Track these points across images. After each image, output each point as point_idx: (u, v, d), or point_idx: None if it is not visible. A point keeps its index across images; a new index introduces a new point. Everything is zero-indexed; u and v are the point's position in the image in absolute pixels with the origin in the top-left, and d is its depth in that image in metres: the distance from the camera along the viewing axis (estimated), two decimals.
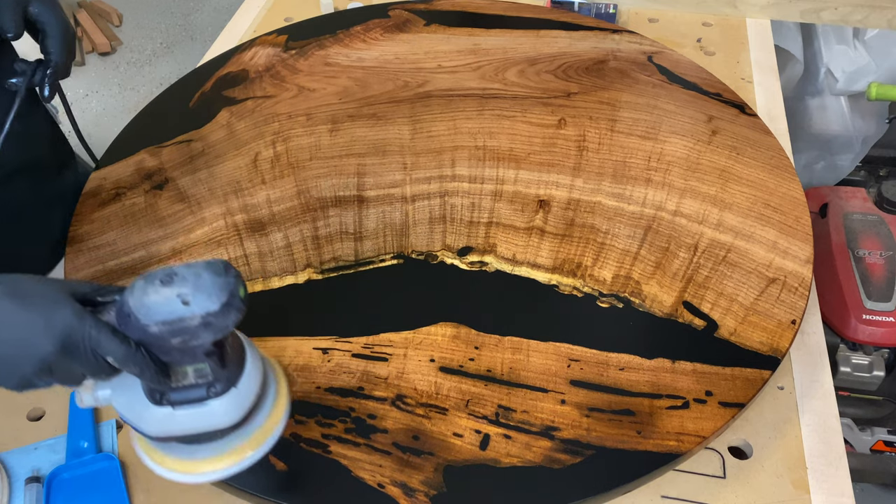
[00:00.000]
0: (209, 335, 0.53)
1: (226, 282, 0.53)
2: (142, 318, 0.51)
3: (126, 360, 0.53)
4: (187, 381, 0.57)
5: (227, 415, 0.58)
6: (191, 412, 0.57)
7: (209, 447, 0.61)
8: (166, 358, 0.55)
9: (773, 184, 0.92)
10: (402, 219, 0.89)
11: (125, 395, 0.58)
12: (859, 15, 1.29)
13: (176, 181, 0.95)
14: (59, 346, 0.52)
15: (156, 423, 0.58)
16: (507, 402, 0.71)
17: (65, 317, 0.52)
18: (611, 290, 0.81)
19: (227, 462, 0.61)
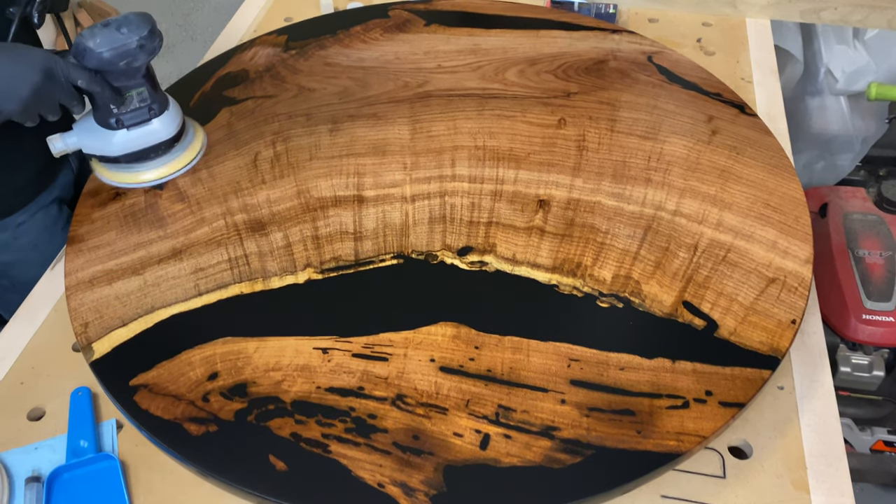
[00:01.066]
0: (144, 55, 0.80)
1: (147, 17, 0.80)
2: (96, 48, 0.77)
3: (91, 81, 0.79)
4: (133, 105, 0.84)
5: (166, 129, 0.88)
6: (140, 130, 0.86)
7: (151, 164, 0.90)
8: (116, 83, 0.81)
9: (773, 184, 0.92)
10: (402, 219, 0.89)
11: (88, 136, 0.85)
12: (859, 15, 1.29)
13: (176, 181, 0.95)
14: (43, 75, 0.76)
15: (117, 145, 0.86)
16: (507, 402, 0.71)
17: (45, 57, 0.77)
18: (611, 289, 0.81)
19: (164, 172, 0.91)
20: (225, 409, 0.71)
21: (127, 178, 0.90)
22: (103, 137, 0.85)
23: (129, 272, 0.84)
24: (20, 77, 0.75)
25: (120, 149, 0.86)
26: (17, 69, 0.75)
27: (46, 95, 0.76)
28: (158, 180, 0.91)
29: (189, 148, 0.93)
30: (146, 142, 0.87)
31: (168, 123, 0.88)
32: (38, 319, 0.86)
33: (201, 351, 0.76)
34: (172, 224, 0.89)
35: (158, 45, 0.81)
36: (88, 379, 0.77)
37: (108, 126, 0.84)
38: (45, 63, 0.76)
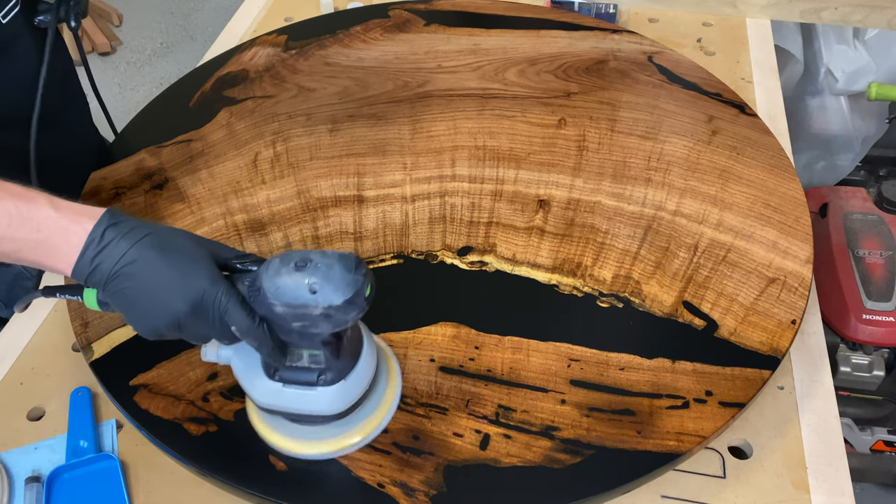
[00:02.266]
0: (328, 326, 0.57)
1: (354, 279, 0.56)
2: (270, 296, 0.56)
3: (248, 332, 0.58)
4: (301, 363, 0.61)
5: (332, 404, 0.63)
6: (298, 393, 0.62)
7: (313, 430, 0.65)
8: (285, 338, 0.59)
9: (773, 184, 0.92)
10: (401, 219, 0.89)
11: (244, 360, 0.63)
12: (859, 15, 1.29)
13: (176, 181, 0.95)
14: (191, 307, 0.57)
15: (265, 394, 0.63)
16: (507, 402, 0.71)
17: (201, 280, 0.57)
18: (611, 289, 0.81)
19: (330, 447, 0.66)
20: (225, 409, 0.71)
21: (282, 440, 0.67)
22: (255, 378, 0.63)
23: None
24: (164, 305, 0.57)
25: (266, 401, 0.63)
26: (165, 294, 0.57)
27: (189, 328, 0.59)
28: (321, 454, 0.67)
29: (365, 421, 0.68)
30: (300, 407, 0.63)
31: (337, 399, 0.63)
32: (38, 319, 0.86)
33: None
34: (172, 224, 0.89)
35: (354, 316, 0.57)
36: (88, 379, 0.77)
37: (265, 369, 0.63)
38: (201, 293, 0.57)
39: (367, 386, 0.65)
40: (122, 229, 0.58)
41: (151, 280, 0.57)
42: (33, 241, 0.57)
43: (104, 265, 0.57)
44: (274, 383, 0.62)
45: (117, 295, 0.58)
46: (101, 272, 0.57)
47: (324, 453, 0.66)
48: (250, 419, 0.69)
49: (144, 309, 0.58)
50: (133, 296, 0.57)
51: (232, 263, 0.61)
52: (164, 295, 0.57)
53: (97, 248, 0.57)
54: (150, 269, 0.57)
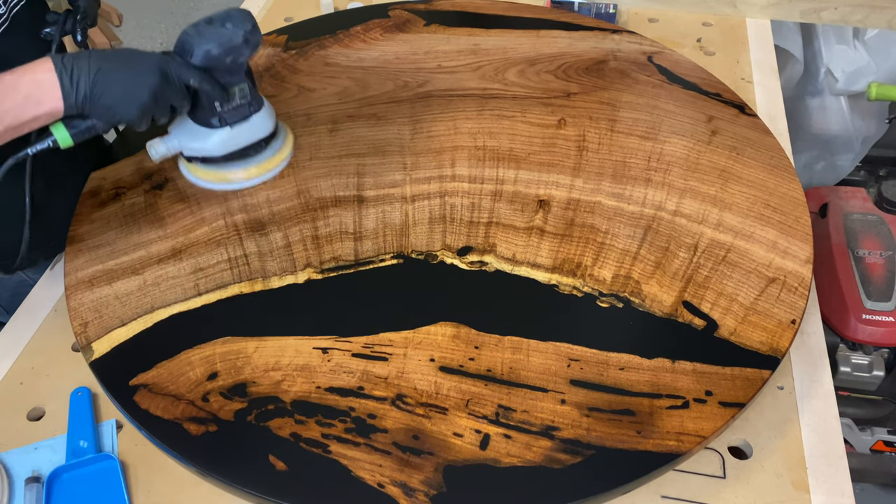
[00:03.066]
0: (249, 49, 0.79)
1: (246, 14, 0.79)
2: (204, 45, 0.77)
3: (201, 79, 0.77)
4: (235, 102, 0.82)
5: (265, 124, 0.87)
6: (242, 127, 0.84)
7: (248, 162, 0.89)
8: (222, 80, 0.80)
9: (773, 184, 0.92)
10: (401, 219, 0.89)
11: (188, 137, 0.84)
12: (859, 15, 1.29)
13: (176, 181, 0.95)
14: (160, 76, 0.74)
15: (219, 143, 0.84)
16: (507, 402, 0.71)
17: (156, 58, 0.75)
18: (611, 289, 0.81)
19: (258, 171, 0.90)
20: (225, 409, 0.71)
21: (221, 176, 0.89)
22: (205, 137, 0.83)
23: (128, 272, 0.84)
24: (139, 82, 0.73)
25: (222, 147, 0.84)
26: (135, 74, 0.73)
27: (162, 98, 0.75)
28: (254, 179, 0.90)
29: (280, 149, 0.92)
30: (247, 139, 0.86)
31: (266, 119, 0.87)
32: (38, 319, 0.86)
33: (201, 351, 0.76)
34: (172, 224, 0.89)
35: (260, 38, 0.80)
36: (88, 379, 0.77)
37: (209, 125, 0.83)
38: (160, 65, 0.74)
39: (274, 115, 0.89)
40: (71, 56, 0.71)
41: (123, 70, 0.72)
42: (20, 101, 0.69)
43: (81, 82, 0.70)
44: (221, 130, 0.83)
45: (104, 96, 0.71)
46: (83, 88, 0.70)
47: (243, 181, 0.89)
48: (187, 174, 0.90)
49: (128, 93, 0.72)
50: (116, 89, 0.72)
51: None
52: (138, 76, 0.73)
53: (68, 74, 0.70)
54: (119, 66, 0.72)
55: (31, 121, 0.70)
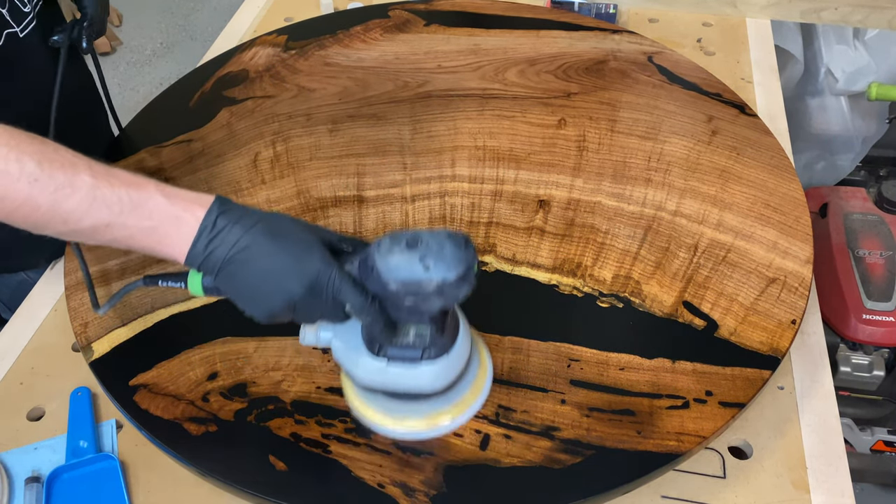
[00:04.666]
0: (439, 301, 0.59)
1: (465, 255, 0.58)
2: (384, 274, 0.58)
3: (362, 309, 0.60)
4: (407, 340, 0.63)
5: (435, 380, 0.64)
6: (402, 370, 0.63)
7: (411, 407, 0.67)
8: (395, 315, 0.61)
9: (773, 184, 0.92)
10: (401, 219, 0.89)
11: (345, 341, 0.65)
12: (859, 15, 1.29)
13: (176, 181, 0.95)
14: (307, 288, 0.59)
15: (368, 372, 0.64)
16: (508, 402, 0.71)
17: (315, 263, 0.59)
18: (611, 290, 0.81)
19: (426, 425, 0.68)
20: (225, 409, 0.71)
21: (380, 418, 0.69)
22: (357, 357, 0.64)
23: (128, 272, 0.84)
24: (280, 287, 0.59)
25: (369, 379, 0.65)
26: (281, 276, 0.59)
27: (303, 309, 0.61)
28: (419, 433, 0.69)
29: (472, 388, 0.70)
30: (403, 385, 0.65)
31: (439, 375, 0.64)
32: (38, 319, 0.86)
33: (201, 351, 0.76)
34: None
35: (466, 292, 0.59)
36: (88, 379, 0.77)
37: (369, 348, 0.64)
38: (316, 274, 0.59)
39: (465, 364, 0.66)
40: (232, 216, 0.60)
41: (266, 264, 0.59)
42: (146, 228, 0.59)
43: (218, 252, 0.59)
44: (378, 361, 0.63)
45: (232, 280, 0.60)
46: (216, 258, 0.59)
47: (419, 430, 0.68)
48: (347, 399, 0.70)
49: (260, 292, 0.60)
50: (248, 280, 0.59)
51: (339, 246, 0.63)
52: (280, 277, 0.59)
53: (210, 235, 0.59)
54: (265, 254, 0.59)
55: (146, 250, 0.61)
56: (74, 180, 0.57)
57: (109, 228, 0.59)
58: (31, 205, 0.57)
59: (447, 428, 0.68)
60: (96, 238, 0.60)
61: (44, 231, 0.59)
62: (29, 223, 0.58)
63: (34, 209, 0.57)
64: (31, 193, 0.56)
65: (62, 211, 0.57)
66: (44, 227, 0.59)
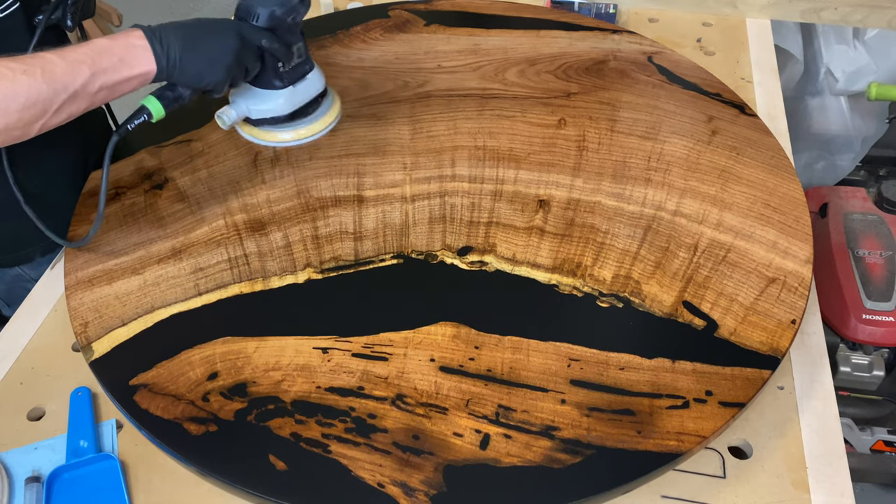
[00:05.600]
0: (304, 8, 0.83)
1: None
2: (267, 7, 0.80)
3: (271, 40, 0.81)
4: (293, 61, 0.87)
5: (320, 80, 0.92)
6: (301, 85, 0.89)
7: (308, 120, 0.92)
8: (284, 40, 0.83)
9: (773, 184, 0.92)
10: (401, 218, 0.89)
11: (253, 100, 0.88)
12: (859, 15, 1.29)
13: (175, 181, 0.95)
14: (239, 39, 0.79)
15: (284, 103, 0.89)
16: (508, 402, 0.71)
17: (232, 23, 0.80)
18: (611, 289, 0.81)
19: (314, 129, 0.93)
20: (225, 409, 0.71)
21: (285, 136, 0.92)
22: (270, 99, 0.88)
23: (128, 272, 0.84)
24: (223, 46, 0.78)
25: (288, 106, 0.89)
26: (218, 39, 0.77)
27: (242, 60, 0.79)
28: (315, 135, 0.93)
29: (332, 106, 0.96)
30: (307, 96, 0.90)
31: (320, 74, 0.91)
32: (38, 319, 0.86)
33: (201, 351, 0.76)
34: (172, 224, 0.89)
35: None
36: (88, 379, 0.77)
37: (272, 87, 0.87)
38: (237, 28, 0.79)
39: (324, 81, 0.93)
40: (155, 28, 0.77)
41: (208, 39, 0.78)
42: (116, 63, 0.73)
43: (172, 49, 0.75)
44: (284, 90, 0.87)
45: (194, 62, 0.76)
46: (174, 54, 0.75)
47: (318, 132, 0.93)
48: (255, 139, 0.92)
49: (215, 58, 0.77)
50: (204, 55, 0.77)
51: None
52: (221, 42, 0.78)
53: (159, 42, 0.75)
54: (202, 34, 0.77)
55: (124, 81, 0.74)
56: (46, 59, 0.70)
57: (95, 77, 0.72)
58: (36, 90, 0.68)
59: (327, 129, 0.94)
60: (88, 92, 0.72)
61: (50, 112, 0.70)
62: (38, 110, 0.69)
63: (38, 92, 0.68)
64: (29, 82, 0.68)
65: (58, 82, 0.69)
66: (50, 106, 0.70)
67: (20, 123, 0.69)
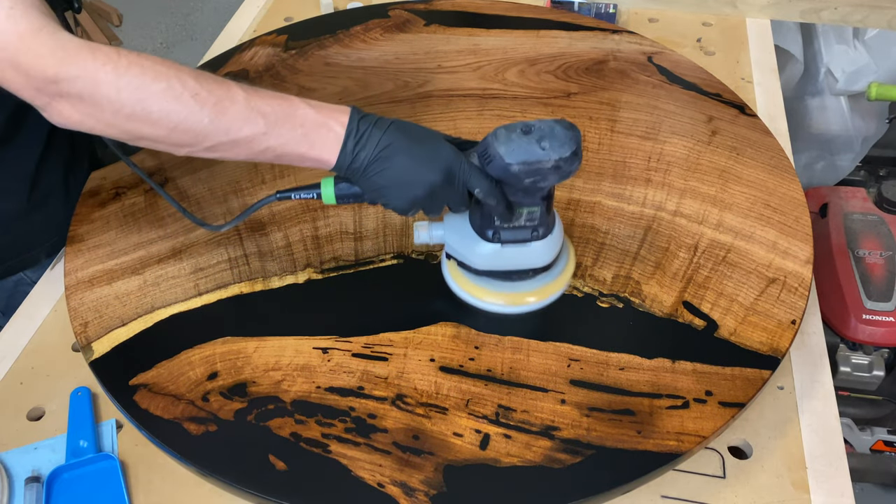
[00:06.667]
0: (555, 178, 0.67)
1: (574, 135, 0.66)
2: (506, 157, 0.65)
3: (489, 192, 0.68)
4: (519, 222, 0.72)
5: (544, 255, 0.75)
6: (515, 250, 0.74)
7: (520, 284, 0.77)
8: (513, 197, 0.70)
9: (773, 184, 0.92)
10: (402, 219, 0.89)
11: (456, 235, 0.75)
12: (859, 15, 1.29)
13: (176, 181, 0.95)
14: (443, 176, 0.67)
15: (484, 257, 0.74)
16: (507, 402, 0.71)
17: (448, 153, 0.68)
18: (611, 290, 0.81)
19: (536, 297, 0.78)
20: (225, 409, 0.71)
21: (479, 292, 0.78)
22: (472, 244, 0.74)
23: (128, 272, 0.84)
24: (420, 175, 0.67)
25: (486, 263, 0.74)
26: (419, 165, 0.67)
27: (439, 197, 0.69)
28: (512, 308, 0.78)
29: (558, 277, 0.79)
30: (517, 264, 0.75)
31: (547, 250, 0.75)
32: (38, 319, 0.86)
33: (201, 350, 0.76)
34: (172, 224, 0.89)
35: (577, 167, 0.67)
36: (88, 379, 0.77)
37: (481, 235, 0.73)
38: (449, 163, 0.67)
39: (562, 242, 0.77)
40: (370, 121, 0.68)
41: (407, 158, 0.67)
42: (297, 135, 0.66)
43: (363, 153, 0.66)
44: (492, 245, 0.73)
45: (378, 176, 0.67)
46: (362, 158, 0.66)
47: (532, 303, 0.78)
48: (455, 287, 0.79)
49: (403, 182, 0.67)
50: (392, 174, 0.67)
51: (456, 141, 0.71)
52: (420, 168, 0.67)
53: (355, 138, 0.66)
54: (405, 150, 0.67)
55: (295, 157, 0.67)
56: (230, 94, 0.64)
57: (266, 136, 0.65)
58: (195, 118, 0.62)
59: (551, 299, 0.79)
60: (251, 148, 0.65)
61: (201, 146, 0.65)
62: (188, 138, 0.64)
63: (197, 122, 0.62)
64: (194, 107, 0.62)
65: (224, 122, 0.63)
66: (203, 141, 0.64)
67: (168, 141, 0.64)
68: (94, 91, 0.60)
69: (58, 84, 0.59)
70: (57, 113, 0.62)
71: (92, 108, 0.61)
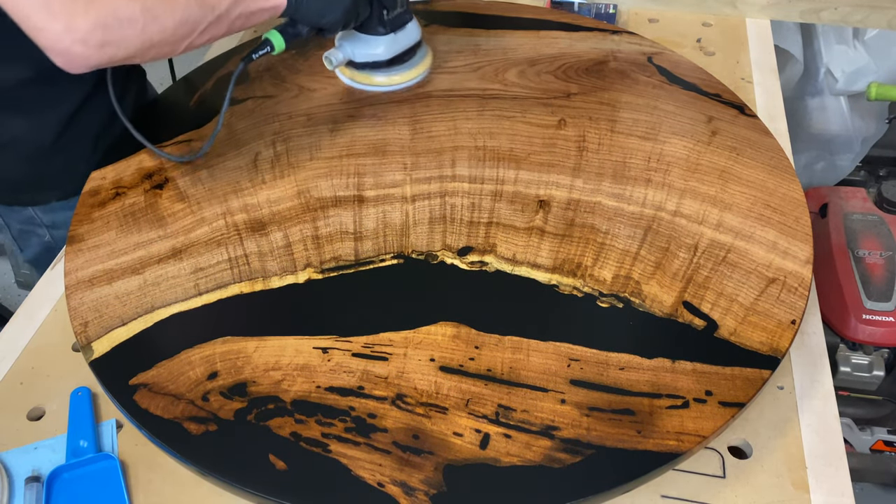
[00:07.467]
0: None
1: None
2: None
3: None
4: (397, 9, 0.98)
5: (417, 30, 1.03)
6: (402, 33, 1.01)
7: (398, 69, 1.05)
8: None
9: (773, 184, 0.92)
10: (402, 219, 0.89)
11: (356, 46, 1.01)
12: (859, 15, 1.29)
13: (176, 181, 0.95)
14: None
15: (387, 47, 1.01)
16: (507, 402, 0.71)
17: None
18: (611, 290, 0.81)
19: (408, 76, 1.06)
20: (225, 409, 0.71)
21: (380, 80, 1.04)
22: (372, 44, 1.00)
23: (128, 272, 0.84)
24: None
25: (389, 52, 1.00)
26: None
27: (357, 4, 0.89)
28: (409, 82, 1.06)
29: (425, 57, 1.07)
30: (406, 43, 1.01)
31: (417, 25, 1.02)
32: (38, 319, 0.87)
33: (201, 350, 0.76)
34: (172, 224, 0.90)
35: None
36: (88, 379, 0.77)
37: (376, 33, 0.98)
38: None
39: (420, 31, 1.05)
40: None
41: None
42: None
43: None
44: (386, 37, 0.99)
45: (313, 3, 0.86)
46: None
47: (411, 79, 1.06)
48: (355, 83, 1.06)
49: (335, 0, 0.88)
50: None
51: None
52: None
53: None
54: None
55: (258, 12, 0.83)
56: None
57: (236, 4, 0.79)
58: (190, 9, 0.76)
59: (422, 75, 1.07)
60: (230, 18, 0.80)
61: (196, 33, 0.78)
62: (189, 26, 0.77)
63: (192, 12, 0.76)
64: (186, 3, 0.75)
65: (206, 6, 0.77)
66: (199, 24, 0.77)
67: (173, 38, 0.76)
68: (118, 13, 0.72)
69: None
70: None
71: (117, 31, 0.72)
